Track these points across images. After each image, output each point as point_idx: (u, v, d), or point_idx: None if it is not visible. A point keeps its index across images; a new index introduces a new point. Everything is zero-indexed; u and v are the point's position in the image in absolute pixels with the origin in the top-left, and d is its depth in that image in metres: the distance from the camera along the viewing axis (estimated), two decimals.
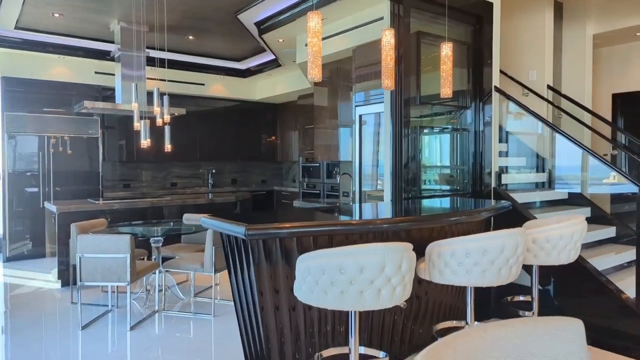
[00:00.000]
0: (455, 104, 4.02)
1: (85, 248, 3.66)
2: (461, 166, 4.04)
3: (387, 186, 3.70)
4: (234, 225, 2.14)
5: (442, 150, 4.04)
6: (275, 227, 2.12)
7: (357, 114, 4.59)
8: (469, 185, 3.94)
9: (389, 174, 3.68)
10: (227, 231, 2.23)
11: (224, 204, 6.09)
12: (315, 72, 2.59)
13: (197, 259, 4.14)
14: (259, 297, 2.31)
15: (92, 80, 6.83)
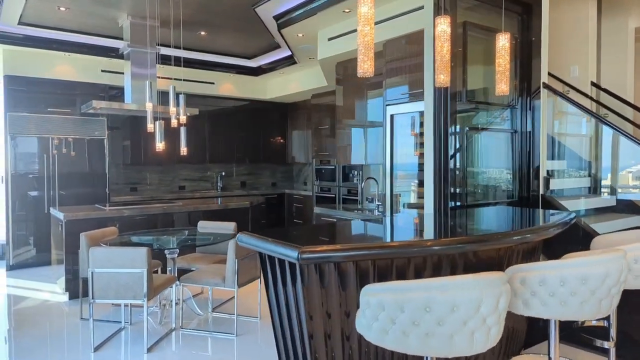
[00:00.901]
0: (499, 102, 3.68)
1: (97, 262, 3.33)
2: (506, 170, 3.71)
3: (429, 194, 3.37)
4: (283, 247, 1.82)
5: (486, 153, 3.70)
6: (332, 250, 1.79)
7: (387, 114, 4.26)
8: (515, 192, 3.61)
9: (430, 180, 3.35)
10: (274, 254, 1.91)
11: (238, 210, 5.76)
12: (367, 65, 2.27)
13: (217, 272, 3.81)
14: (307, 322, 1.98)
15: (98, 79, 6.50)
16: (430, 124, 3.35)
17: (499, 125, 3.87)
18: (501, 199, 3.64)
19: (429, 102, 3.34)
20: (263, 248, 1.98)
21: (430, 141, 3.36)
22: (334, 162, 7.29)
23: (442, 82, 2.52)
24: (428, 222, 2.69)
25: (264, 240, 1.96)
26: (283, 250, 1.82)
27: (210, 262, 4.32)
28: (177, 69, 6.86)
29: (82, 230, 4.57)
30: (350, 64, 5.12)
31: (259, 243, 1.99)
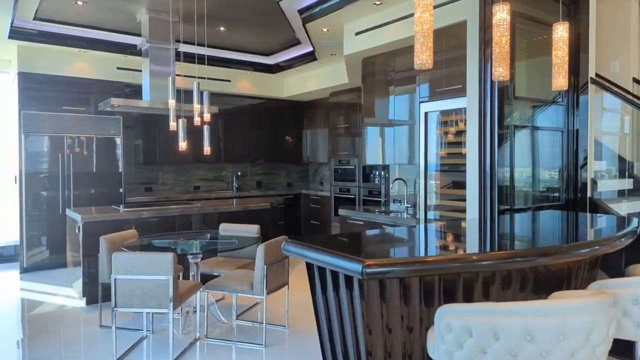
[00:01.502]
0: (543, 98, 3.46)
1: (120, 268, 3.15)
2: (550, 171, 3.49)
3: (472, 197, 3.16)
4: (344, 260, 1.62)
5: (529, 153, 3.48)
6: (401, 264, 1.58)
7: (421, 111, 4.05)
8: (561, 195, 3.39)
9: (474, 182, 3.14)
10: (331, 267, 1.71)
11: (258, 211, 5.58)
12: (425, 56, 2.08)
13: (244, 278, 3.63)
14: (365, 337, 1.78)
15: (113, 77, 6.34)
16: (474, 121, 3.14)
17: (543, 123, 3.65)
18: (547, 202, 3.42)
19: (472, 98, 3.13)
20: (316, 259, 1.78)
21: (474, 140, 3.15)
22: (353, 161, 7.09)
23: (500, 75, 2.31)
24: (482, 229, 2.48)
25: (319, 251, 1.76)
26: (344, 264, 1.62)
27: (234, 267, 4.14)
28: (194, 66, 6.69)
29: (100, 232, 4.41)
30: (378, 60, 4.91)
31: (313, 254, 1.80)
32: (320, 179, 8.69)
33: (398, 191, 5.16)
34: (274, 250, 3.62)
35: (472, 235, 2.32)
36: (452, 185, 4.12)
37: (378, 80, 4.95)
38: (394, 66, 4.73)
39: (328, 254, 1.71)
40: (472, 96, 3.09)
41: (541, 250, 1.74)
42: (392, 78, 4.75)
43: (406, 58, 4.56)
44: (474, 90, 3.07)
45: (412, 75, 4.51)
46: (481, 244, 2.13)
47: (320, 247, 1.79)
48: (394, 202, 5.12)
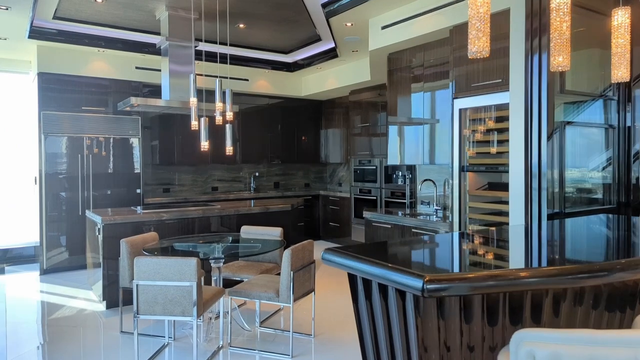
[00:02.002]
0: (591, 92, 3.22)
1: (142, 274, 3.02)
2: (599, 172, 3.25)
3: (516, 200, 2.95)
4: (399, 274, 1.43)
5: (576, 152, 3.25)
6: (468, 279, 1.39)
7: (455, 108, 3.84)
8: (612, 197, 3.15)
9: (519, 184, 2.92)
10: (383, 280, 1.53)
11: (279, 213, 5.42)
12: (482, 43, 1.88)
13: (270, 284, 3.46)
14: (420, 354, 1.60)
15: (132, 76, 6.25)
16: (518, 117, 2.92)
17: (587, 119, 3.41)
18: (597, 206, 3.19)
19: (517, 92, 2.92)
20: (364, 272, 1.60)
21: (518, 138, 2.94)
22: (374, 161, 6.89)
23: (560, 65, 2.10)
24: (535, 236, 2.27)
25: (367, 262, 1.58)
26: (399, 278, 1.44)
27: (257, 271, 3.98)
28: (213, 65, 6.57)
29: (120, 234, 4.30)
30: (405, 55, 4.71)
31: (359, 266, 1.62)
32: (339, 180, 8.51)
33: (423, 192, 4.95)
34: (300, 255, 3.45)
35: (528, 244, 2.11)
36: (488, 186, 3.91)
37: (404, 77, 4.75)
38: (422, 61, 4.52)
39: (379, 266, 1.52)
40: (517, 91, 2.88)
41: (627, 263, 1.54)
42: (421, 74, 4.54)
43: (437, 52, 4.36)
44: (519, 84, 2.86)
45: (443, 71, 4.30)
46: (547, 254, 1.92)
47: (368, 258, 1.61)
48: (421, 203, 4.91)
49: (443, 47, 4.27)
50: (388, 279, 1.49)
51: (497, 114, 3.72)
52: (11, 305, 4.47)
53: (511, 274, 1.43)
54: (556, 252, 1.93)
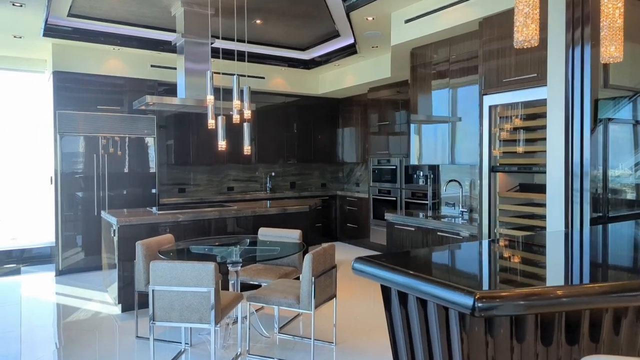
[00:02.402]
0: (633, 87, 3.00)
1: (159, 279, 2.89)
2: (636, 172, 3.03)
3: (555, 204, 2.75)
4: (445, 289, 1.27)
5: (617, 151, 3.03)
6: (527, 296, 1.22)
7: (485, 104, 3.64)
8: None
9: (558, 186, 2.72)
10: (423, 295, 1.36)
11: (297, 214, 5.27)
12: (530, 31, 1.69)
13: (290, 290, 3.31)
14: None
15: (147, 75, 6.17)
16: (557, 114, 2.72)
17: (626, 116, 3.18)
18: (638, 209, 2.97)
19: (555, 87, 2.71)
20: (403, 286, 1.44)
21: (558, 136, 2.74)
22: (394, 161, 6.70)
23: (611, 55, 1.90)
24: (581, 243, 2.07)
25: (406, 275, 1.42)
26: (445, 294, 1.27)
27: (276, 275, 3.84)
28: (229, 63, 6.44)
29: (135, 235, 4.20)
30: (429, 50, 4.52)
31: (396, 278, 1.45)
32: (356, 180, 8.33)
33: (447, 193, 4.75)
34: (321, 259, 3.29)
35: (579, 254, 1.92)
36: (519, 187, 3.70)
37: (428, 73, 4.56)
38: (448, 56, 4.33)
39: (420, 280, 1.36)
40: (556, 85, 2.68)
41: None
42: (446, 70, 4.35)
43: (464, 46, 4.16)
44: (558, 78, 2.66)
45: (470, 66, 4.10)
46: (608, 266, 1.73)
47: (407, 270, 1.45)
48: (445, 205, 4.71)
49: (471, 41, 4.07)
50: (431, 294, 1.32)
51: (529, 111, 3.51)
52: (27, 308, 4.41)
53: (579, 292, 1.24)
54: (617, 263, 1.74)
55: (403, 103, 6.53)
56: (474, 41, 4.03)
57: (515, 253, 1.92)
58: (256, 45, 6.33)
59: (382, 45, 5.80)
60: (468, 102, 4.18)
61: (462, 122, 4.25)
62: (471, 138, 4.13)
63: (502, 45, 3.51)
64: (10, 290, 5.00)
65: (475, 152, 4.13)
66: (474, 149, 4.12)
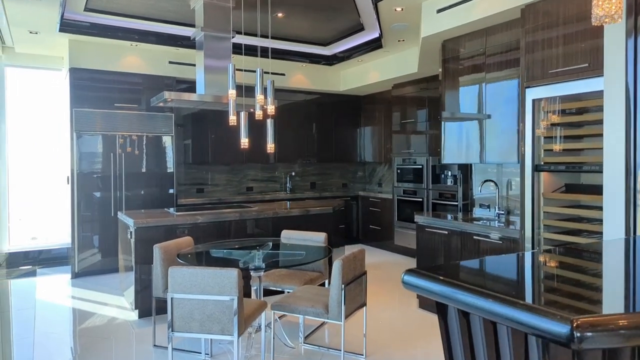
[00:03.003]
0: None
1: (178, 286, 2.68)
2: None
3: (613, 208, 2.45)
4: (530, 314, 1.01)
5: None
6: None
7: (527, 98, 3.35)
8: None
9: (617, 187, 2.43)
10: (499, 319, 1.10)
11: (320, 216, 5.04)
12: (610, 5, 1.42)
13: (317, 299, 3.08)
14: None
15: (165, 72, 6.00)
16: (616, 107, 2.42)
17: None
18: None
19: (614, 78, 2.42)
20: (469, 305, 1.18)
21: (616, 131, 2.44)
22: (420, 160, 6.42)
23: None
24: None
25: (475, 293, 1.16)
26: (530, 319, 1.01)
27: (301, 281, 3.60)
28: (248, 59, 6.25)
29: (153, 238, 4.02)
30: (462, 42, 4.23)
31: (460, 296, 1.20)
32: (379, 180, 8.06)
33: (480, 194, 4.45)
34: (351, 265, 3.05)
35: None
36: (565, 188, 3.40)
37: (461, 66, 4.27)
38: (483, 48, 4.04)
39: (496, 301, 1.10)
40: (614, 76, 2.39)
41: None
42: (482, 63, 4.05)
43: (503, 36, 3.86)
44: (617, 68, 2.37)
45: (510, 59, 3.81)
46: None
47: (474, 286, 1.19)
48: (479, 207, 4.42)
49: (510, 31, 3.77)
50: (509, 318, 1.06)
51: (578, 105, 3.21)
52: (41, 312, 4.26)
53: None
54: None
55: (430, 100, 6.24)
56: (513, 31, 3.74)
57: (589, 266, 1.64)
58: (277, 41, 6.12)
59: (409, 39, 5.53)
60: (504, 98, 3.89)
61: (498, 119, 3.96)
62: (506, 135, 3.84)
63: (548, 34, 3.22)
64: (25, 293, 4.87)
65: (510, 150, 3.84)
66: (510, 147, 3.83)
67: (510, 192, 4.22)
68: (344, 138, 7.87)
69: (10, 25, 4.89)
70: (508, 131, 3.86)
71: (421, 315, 4.14)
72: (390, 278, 5.43)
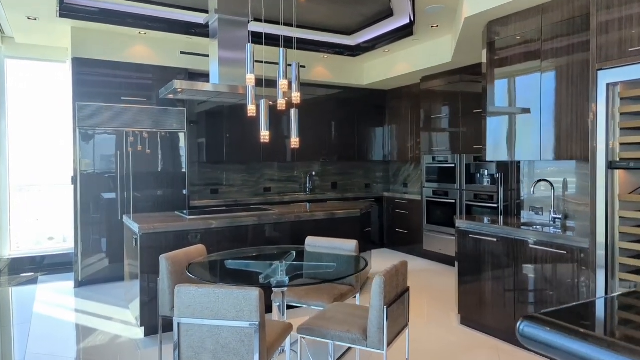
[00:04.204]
0: None
1: (186, 309, 2.20)
2: None
3: None
4: None
5: None
6: None
7: (601, 82, 2.79)
8: None
9: None
10: None
11: (347, 220, 4.53)
12: None
13: (352, 321, 2.57)
14: None
15: (176, 63, 5.56)
16: None
17: None
18: None
19: None
20: None
21: None
22: (453, 158, 5.87)
23: None
24: None
25: None
26: None
27: (329, 297, 3.10)
28: (267, 49, 5.77)
29: (161, 245, 3.56)
30: (511, 23, 3.68)
31: None
32: (404, 180, 7.52)
33: (527, 195, 3.90)
34: (393, 282, 2.54)
35: None
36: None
37: (512, 52, 3.72)
38: (540, 28, 3.48)
39: None
40: None
41: None
42: (537, 49, 3.49)
43: (564, 12, 3.31)
44: None
45: (575, 40, 3.25)
46: None
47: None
48: (530, 210, 3.86)
49: (573, 4, 3.22)
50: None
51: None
52: (38, 329, 3.83)
53: None
54: None
55: (464, 93, 5.69)
56: (576, 4, 3.18)
57: None
58: (298, 29, 5.63)
59: (443, 24, 4.99)
60: (566, 84, 3.34)
61: (558, 110, 3.41)
62: (570, 128, 3.29)
63: (628, 10, 2.66)
64: (21, 305, 4.44)
65: (575, 145, 3.29)
66: (574, 142, 3.28)
67: (566, 193, 3.66)
68: (367, 135, 7.35)
69: (6, 9, 4.47)
70: (572, 124, 3.30)
71: (465, 333, 3.60)
72: (423, 288, 4.89)
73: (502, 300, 3.44)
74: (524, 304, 3.29)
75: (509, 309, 3.39)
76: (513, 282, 3.35)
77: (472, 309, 3.70)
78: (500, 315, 3.46)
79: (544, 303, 3.17)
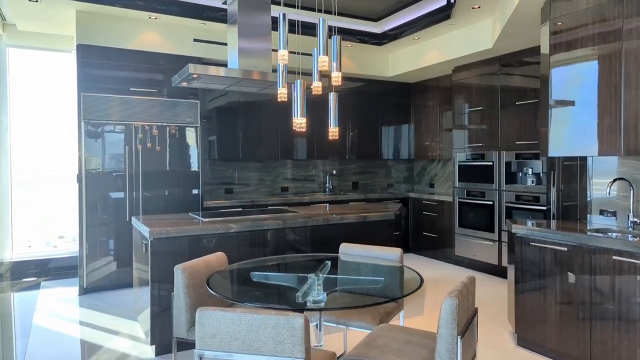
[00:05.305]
0: None
1: (209, 339, 1.73)
2: None
3: None
4: None
5: None
6: None
7: None
8: None
9: None
10: None
11: (380, 223, 4.05)
12: None
13: (409, 350, 2.09)
14: None
15: (190, 51, 5.12)
16: None
17: None
18: None
19: None
20: None
21: None
22: (490, 156, 5.36)
23: None
24: None
25: None
26: None
27: (373, 317, 2.62)
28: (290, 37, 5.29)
29: (174, 250, 3.12)
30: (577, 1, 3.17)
31: None
32: (430, 179, 7.01)
33: (595, 196, 3.38)
34: (464, 305, 2.05)
35: None
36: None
37: (583, 34, 3.21)
38: (621, 1, 2.96)
39: None
40: None
41: None
42: (615, 29, 2.98)
43: None
44: None
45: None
46: None
47: None
48: (600, 214, 3.35)
49: None
50: None
51: None
52: (37, 343, 3.38)
53: None
54: None
55: (503, 84, 5.18)
56: None
57: None
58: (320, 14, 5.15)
59: (486, 5, 4.49)
60: None
61: None
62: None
63: None
64: (20, 316, 4.01)
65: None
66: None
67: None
68: (391, 131, 6.86)
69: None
70: None
71: (523, 356, 3.11)
72: (488, 295, 4.39)
73: (574, 321, 2.94)
74: (603, 326, 2.78)
75: (582, 331, 2.88)
76: (589, 299, 2.85)
77: (532, 328, 3.19)
78: (570, 338, 2.96)
79: (629, 326, 2.66)
